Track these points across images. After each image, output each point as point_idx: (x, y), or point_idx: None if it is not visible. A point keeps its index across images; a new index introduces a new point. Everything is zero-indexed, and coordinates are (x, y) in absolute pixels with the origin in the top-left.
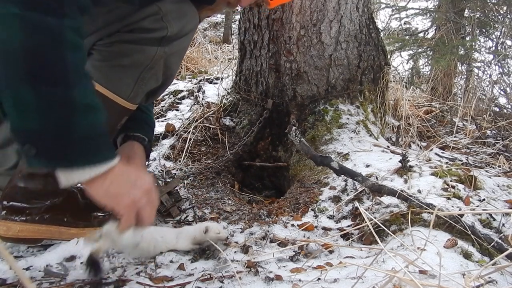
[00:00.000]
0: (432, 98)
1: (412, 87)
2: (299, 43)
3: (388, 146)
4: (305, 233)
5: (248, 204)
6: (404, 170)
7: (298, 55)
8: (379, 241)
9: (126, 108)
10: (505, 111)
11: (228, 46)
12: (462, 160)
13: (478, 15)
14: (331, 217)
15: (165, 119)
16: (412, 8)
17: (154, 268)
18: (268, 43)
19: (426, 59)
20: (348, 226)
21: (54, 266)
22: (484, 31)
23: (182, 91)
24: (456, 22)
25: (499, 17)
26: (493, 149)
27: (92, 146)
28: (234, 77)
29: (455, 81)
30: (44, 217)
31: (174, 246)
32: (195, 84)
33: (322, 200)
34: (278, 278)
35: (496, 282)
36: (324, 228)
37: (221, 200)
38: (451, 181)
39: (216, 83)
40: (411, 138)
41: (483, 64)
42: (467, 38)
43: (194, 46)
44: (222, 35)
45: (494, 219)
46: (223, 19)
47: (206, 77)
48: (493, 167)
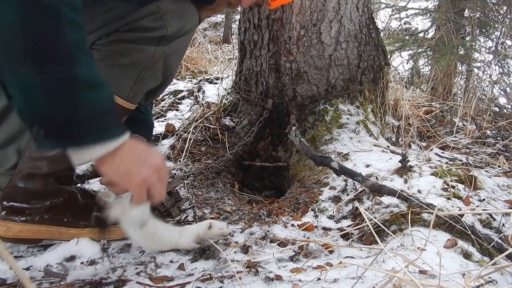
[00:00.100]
0: (432, 98)
1: (412, 87)
2: (299, 43)
3: (388, 146)
4: (305, 233)
5: (248, 204)
6: (404, 170)
7: (298, 55)
8: (379, 241)
9: (125, 108)
10: (505, 111)
11: (228, 46)
12: (462, 160)
13: (478, 15)
14: (331, 217)
15: (165, 119)
16: (412, 8)
17: (154, 268)
18: (268, 43)
19: (426, 59)
20: (348, 226)
21: (54, 266)
22: (484, 31)
23: (182, 91)
24: (456, 22)
25: (499, 17)
26: (493, 149)
27: (101, 122)
28: (234, 77)
29: (455, 81)
30: (44, 217)
31: (177, 243)
32: (195, 84)
33: (322, 200)
34: (278, 278)
35: (496, 282)
36: (324, 228)
37: (221, 200)
38: (451, 181)
39: (216, 83)
40: (411, 138)
41: (483, 64)
42: (467, 38)
43: (194, 46)
44: (222, 35)
45: (494, 219)
46: (223, 19)
47: (206, 77)
48: (493, 167)
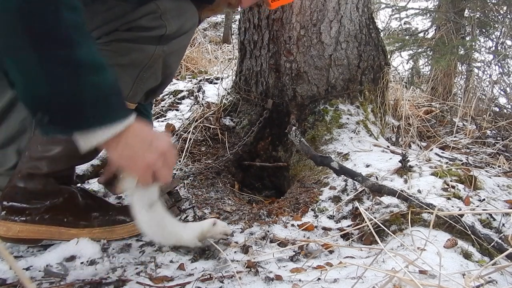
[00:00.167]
0: (432, 98)
1: (412, 87)
2: (299, 43)
3: (388, 146)
4: (305, 233)
5: (248, 204)
6: (404, 170)
7: (298, 55)
8: (379, 241)
9: None
10: (505, 111)
11: (228, 46)
12: (462, 160)
13: (478, 15)
14: (331, 217)
15: (165, 119)
16: (412, 8)
17: (154, 268)
18: (268, 43)
19: (426, 59)
20: (348, 226)
21: (54, 266)
22: (484, 31)
23: (182, 91)
24: (456, 22)
25: (499, 17)
26: (493, 149)
27: (105, 105)
28: (234, 77)
29: (455, 81)
30: (44, 217)
31: (181, 237)
32: (195, 84)
33: (322, 200)
34: (278, 278)
35: (496, 282)
36: (324, 228)
37: (221, 200)
38: (451, 181)
39: (216, 83)
40: (411, 138)
41: (483, 64)
42: (467, 38)
43: (194, 46)
44: (222, 35)
45: (494, 219)
46: (223, 19)
47: (206, 77)
48: (493, 167)
